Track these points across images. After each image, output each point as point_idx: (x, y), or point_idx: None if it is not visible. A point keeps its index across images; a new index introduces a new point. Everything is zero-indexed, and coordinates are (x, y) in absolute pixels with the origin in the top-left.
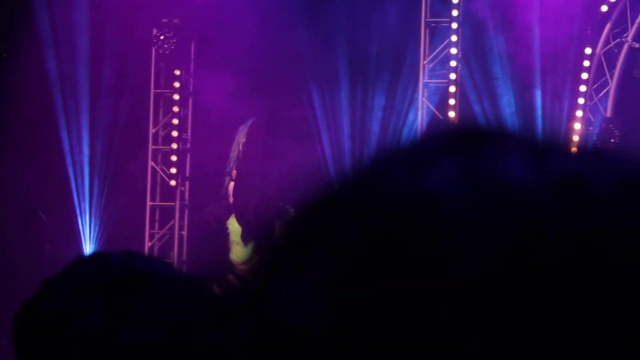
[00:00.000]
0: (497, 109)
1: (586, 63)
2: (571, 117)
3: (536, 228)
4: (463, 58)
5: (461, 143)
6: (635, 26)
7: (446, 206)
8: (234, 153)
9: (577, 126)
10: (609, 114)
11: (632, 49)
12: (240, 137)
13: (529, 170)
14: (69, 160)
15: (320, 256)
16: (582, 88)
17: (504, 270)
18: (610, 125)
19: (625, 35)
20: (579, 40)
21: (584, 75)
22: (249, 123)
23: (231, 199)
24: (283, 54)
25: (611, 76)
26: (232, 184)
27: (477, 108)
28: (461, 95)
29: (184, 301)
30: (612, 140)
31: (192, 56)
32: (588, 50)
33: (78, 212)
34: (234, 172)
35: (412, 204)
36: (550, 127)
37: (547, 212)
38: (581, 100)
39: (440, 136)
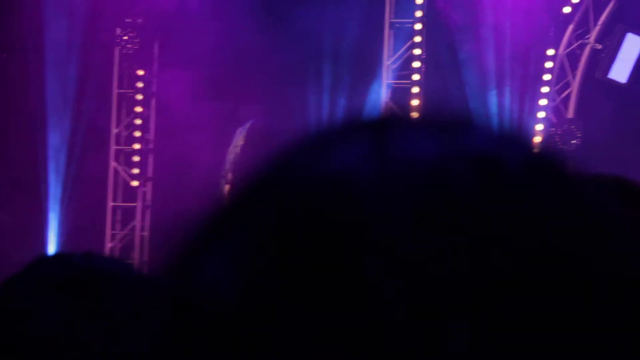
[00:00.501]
0: (459, 108)
1: (549, 64)
2: (533, 118)
3: (446, 204)
4: (427, 58)
5: (371, 126)
6: (597, 28)
7: (357, 184)
8: (231, 156)
9: (539, 127)
10: (570, 115)
11: (594, 51)
12: (239, 140)
13: (438, 149)
14: (43, 160)
15: (235, 234)
16: (545, 89)
17: (416, 240)
18: (572, 126)
19: (587, 36)
20: (542, 41)
21: (547, 77)
22: (247, 125)
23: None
24: (246, 55)
25: (573, 77)
26: (227, 187)
27: (439, 107)
28: (424, 94)
29: (144, 302)
30: (574, 142)
31: (156, 56)
32: (550, 52)
33: (43, 212)
34: (230, 175)
35: (324, 184)
36: (465, 108)
37: (456, 189)
38: (543, 101)
39: (351, 121)
